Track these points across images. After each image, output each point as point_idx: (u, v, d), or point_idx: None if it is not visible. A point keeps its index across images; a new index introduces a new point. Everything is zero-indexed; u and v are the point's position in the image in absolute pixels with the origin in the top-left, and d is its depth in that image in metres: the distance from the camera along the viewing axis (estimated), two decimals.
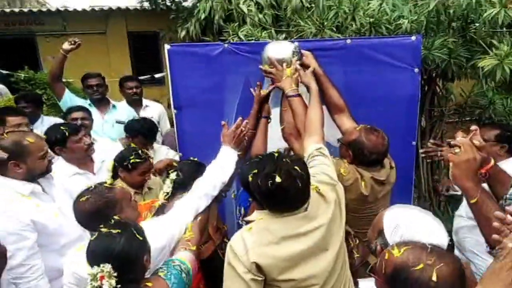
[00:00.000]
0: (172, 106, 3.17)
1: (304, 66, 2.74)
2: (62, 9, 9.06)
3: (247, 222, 2.01)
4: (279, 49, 2.79)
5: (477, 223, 1.75)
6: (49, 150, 2.58)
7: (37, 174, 2.47)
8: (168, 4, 7.80)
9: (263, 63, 2.84)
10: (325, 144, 2.36)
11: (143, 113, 4.57)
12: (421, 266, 1.28)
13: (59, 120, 4.65)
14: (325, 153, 2.24)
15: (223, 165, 2.40)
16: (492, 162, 1.86)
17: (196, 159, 2.90)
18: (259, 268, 1.85)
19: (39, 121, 4.38)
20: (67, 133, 3.02)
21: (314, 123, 2.40)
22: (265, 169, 1.85)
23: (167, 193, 2.53)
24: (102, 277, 1.62)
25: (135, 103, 4.62)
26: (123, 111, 4.42)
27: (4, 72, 7.15)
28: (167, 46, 3.09)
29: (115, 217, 1.91)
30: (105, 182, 2.17)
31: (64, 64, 4.11)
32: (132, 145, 3.41)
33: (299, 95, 2.59)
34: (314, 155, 2.22)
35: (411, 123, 3.02)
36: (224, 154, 2.46)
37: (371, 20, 3.07)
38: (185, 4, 7.82)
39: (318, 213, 1.97)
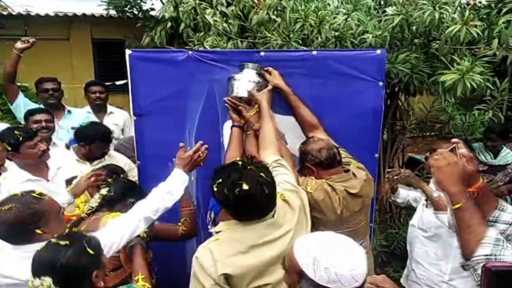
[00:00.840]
0: (131, 112, 3.06)
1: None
2: (24, 13, 8.76)
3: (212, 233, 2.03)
4: (244, 86, 2.84)
5: (456, 231, 1.69)
6: None
7: None
8: (135, 12, 7.68)
9: (228, 93, 2.90)
10: (288, 156, 2.43)
11: (107, 120, 4.44)
12: None
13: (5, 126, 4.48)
14: (283, 163, 2.33)
15: (171, 190, 2.35)
16: (481, 180, 1.79)
17: (131, 179, 2.92)
18: (227, 279, 1.82)
19: None
20: (21, 138, 2.88)
21: (268, 137, 2.52)
22: (230, 177, 1.86)
23: (92, 207, 2.46)
24: None
25: (99, 108, 4.48)
26: (78, 117, 4.27)
27: None
28: (128, 51, 3.00)
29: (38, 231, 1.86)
30: (33, 191, 2.03)
31: (18, 65, 3.95)
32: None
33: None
34: (273, 166, 2.28)
35: (375, 136, 3.03)
36: (175, 178, 2.43)
37: (337, 33, 3.08)
38: (152, 13, 7.73)
39: (285, 220, 2.00)
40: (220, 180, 1.88)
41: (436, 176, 1.72)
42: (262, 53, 2.94)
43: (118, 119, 4.54)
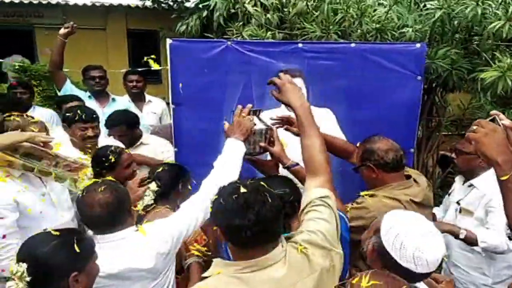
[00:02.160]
0: (170, 101, 3.13)
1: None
2: (62, 2, 9.01)
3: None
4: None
5: (503, 203, 1.60)
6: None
7: None
8: (170, 3, 7.78)
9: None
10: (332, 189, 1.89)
11: (146, 108, 4.55)
12: None
13: (50, 111, 4.64)
14: (330, 203, 1.75)
15: (232, 160, 2.18)
16: None
17: (174, 161, 2.88)
18: None
19: (31, 110, 4.37)
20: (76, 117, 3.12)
21: (317, 159, 1.88)
22: (227, 188, 1.57)
23: (148, 205, 2.41)
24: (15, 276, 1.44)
25: (137, 96, 4.57)
26: (122, 104, 4.37)
27: (1, 60, 7.08)
28: (169, 40, 3.06)
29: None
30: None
31: (64, 51, 4.08)
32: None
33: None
34: (315, 204, 1.75)
35: (411, 131, 3.01)
36: (231, 147, 2.23)
37: (377, 26, 3.06)
38: (187, 4, 7.82)
39: (297, 280, 1.55)
40: (217, 196, 1.57)
41: (478, 148, 1.61)
42: (300, 45, 2.96)
43: (156, 108, 4.64)
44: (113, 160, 2.69)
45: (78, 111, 3.12)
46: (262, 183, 1.60)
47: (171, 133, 3.23)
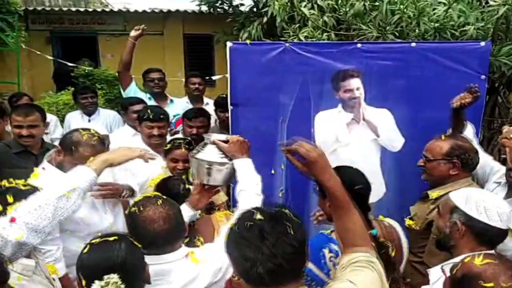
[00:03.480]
0: (228, 102, 3.22)
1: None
2: (124, 9, 9.45)
3: None
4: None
5: None
6: None
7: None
8: (226, 8, 7.94)
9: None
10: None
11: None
12: (491, 284, 1.26)
13: (113, 112, 4.91)
14: (376, 268, 1.43)
15: (249, 182, 2.10)
16: None
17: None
18: None
19: (97, 112, 4.64)
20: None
21: (358, 233, 1.55)
22: (244, 214, 1.37)
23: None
24: None
25: (196, 99, 4.76)
26: (180, 105, 4.56)
27: (70, 64, 7.55)
28: (229, 44, 3.16)
29: None
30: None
31: (133, 52, 4.30)
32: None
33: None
34: (360, 261, 1.43)
35: (474, 131, 2.93)
36: (242, 170, 2.12)
37: (436, 25, 3.01)
38: (242, 8, 7.96)
39: None
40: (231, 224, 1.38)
41: (510, 156, 1.84)
42: (359, 45, 2.97)
43: (212, 110, 4.78)
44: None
45: (148, 111, 3.32)
46: (286, 210, 1.34)
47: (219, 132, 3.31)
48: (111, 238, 1.51)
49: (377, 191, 3.02)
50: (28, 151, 3.09)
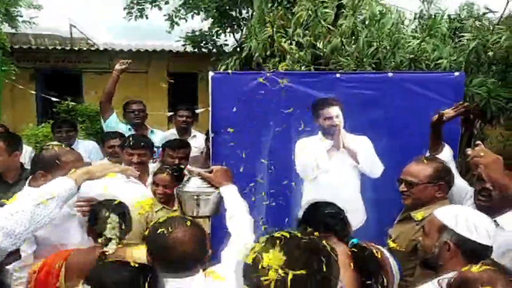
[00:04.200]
0: (210, 130, 3.25)
1: None
2: (109, 48, 9.60)
3: None
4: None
5: None
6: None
7: None
8: (210, 47, 8.16)
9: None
10: None
11: (191, 142, 4.70)
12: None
13: (92, 143, 4.91)
14: None
15: (237, 208, 2.13)
16: None
17: None
18: None
19: (75, 144, 4.65)
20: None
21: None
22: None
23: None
24: None
25: (184, 131, 4.78)
26: (160, 137, 4.60)
27: (54, 99, 7.60)
28: (210, 73, 3.23)
29: None
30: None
31: (117, 85, 4.38)
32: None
33: None
34: None
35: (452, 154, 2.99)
36: (229, 198, 2.17)
37: (411, 56, 3.14)
38: (225, 48, 8.19)
39: None
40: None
41: (486, 173, 1.92)
42: (338, 75, 3.06)
43: (200, 142, 4.81)
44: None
45: (130, 138, 3.32)
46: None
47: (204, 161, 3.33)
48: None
49: (358, 217, 3.01)
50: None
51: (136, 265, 1.53)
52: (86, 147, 4.77)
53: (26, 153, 4.36)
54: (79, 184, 1.88)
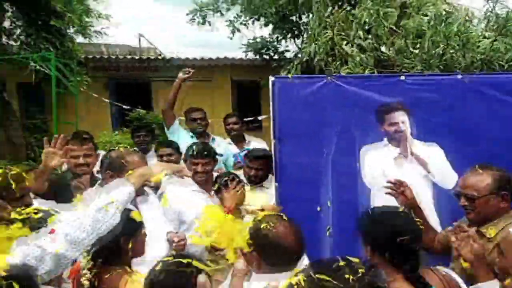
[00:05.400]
0: (272, 136, 3.24)
1: None
2: (175, 57, 10.00)
3: None
4: None
5: None
6: None
7: None
8: (271, 54, 8.21)
9: None
10: None
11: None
12: None
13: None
14: None
15: None
16: None
17: None
18: None
19: (152, 151, 4.77)
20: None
21: None
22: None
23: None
24: None
25: (236, 138, 4.83)
26: (220, 144, 4.68)
27: (125, 106, 8.01)
28: (271, 78, 3.23)
29: None
30: None
31: (179, 93, 4.52)
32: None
33: None
34: None
35: None
36: None
37: (483, 56, 2.97)
38: (287, 54, 8.21)
39: None
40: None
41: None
42: (403, 77, 2.95)
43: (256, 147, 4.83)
44: None
45: (193, 147, 3.40)
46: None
47: None
48: (185, 260, 1.56)
49: None
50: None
51: None
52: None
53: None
54: (137, 186, 1.92)
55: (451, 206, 2.87)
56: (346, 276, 1.12)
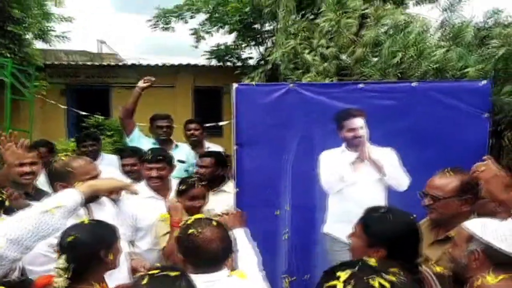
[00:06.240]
0: (233, 142, 3.24)
1: None
2: (137, 63, 9.83)
3: None
4: None
5: None
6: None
7: None
8: (235, 61, 8.24)
9: None
10: None
11: None
12: None
13: (116, 157, 4.92)
14: None
15: (247, 250, 2.31)
16: None
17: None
18: None
19: (101, 158, 4.64)
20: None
21: None
22: None
23: None
24: None
25: (195, 144, 4.78)
26: (183, 151, 4.60)
27: (82, 112, 7.79)
28: (235, 85, 3.23)
29: None
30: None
31: (138, 101, 4.39)
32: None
33: None
34: None
35: None
36: (240, 240, 2.35)
37: (437, 65, 3.08)
38: (250, 62, 8.26)
39: None
40: None
41: (486, 188, 1.92)
42: (361, 85, 3.02)
43: None
44: None
45: (149, 151, 3.33)
46: None
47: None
48: (173, 273, 1.48)
49: None
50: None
51: None
52: (111, 160, 4.80)
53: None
54: (85, 196, 1.92)
55: (402, 208, 3.00)
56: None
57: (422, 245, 1.97)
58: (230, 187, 3.58)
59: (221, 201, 3.39)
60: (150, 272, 1.49)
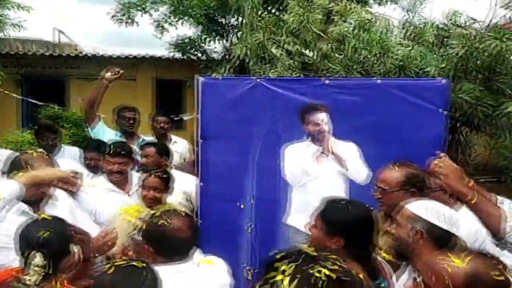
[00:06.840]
0: (198, 135, 3.21)
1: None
2: (97, 54, 9.54)
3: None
4: None
5: (480, 220, 1.96)
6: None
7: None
8: (199, 54, 8.15)
9: None
10: None
11: (172, 148, 4.65)
12: (497, 272, 1.28)
13: (76, 149, 4.76)
14: None
15: None
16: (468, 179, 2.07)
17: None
18: None
19: (61, 151, 4.49)
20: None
21: None
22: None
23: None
24: None
25: (162, 137, 4.71)
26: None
27: (39, 103, 7.50)
28: (200, 78, 3.19)
29: None
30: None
31: (105, 93, 4.27)
32: None
33: None
34: None
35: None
36: None
37: (400, 63, 3.17)
38: (214, 56, 8.19)
39: None
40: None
41: (445, 182, 2.01)
42: (327, 81, 3.07)
43: (181, 148, 4.75)
44: None
45: (111, 146, 3.24)
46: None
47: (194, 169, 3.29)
48: (139, 265, 1.50)
49: None
50: None
51: None
52: (71, 153, 4.67)
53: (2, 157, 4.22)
54: (26, 187, 1.91)
55: (363, 200, 3.07)
56: None
57: (377, 235, 2.07)
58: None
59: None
60: (116, 263, 1.50)
